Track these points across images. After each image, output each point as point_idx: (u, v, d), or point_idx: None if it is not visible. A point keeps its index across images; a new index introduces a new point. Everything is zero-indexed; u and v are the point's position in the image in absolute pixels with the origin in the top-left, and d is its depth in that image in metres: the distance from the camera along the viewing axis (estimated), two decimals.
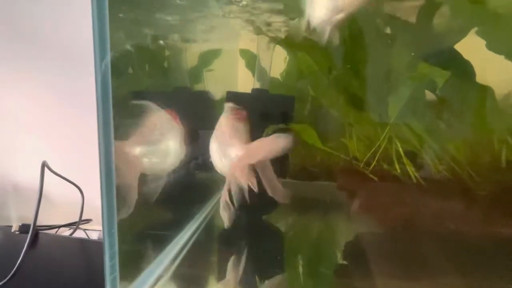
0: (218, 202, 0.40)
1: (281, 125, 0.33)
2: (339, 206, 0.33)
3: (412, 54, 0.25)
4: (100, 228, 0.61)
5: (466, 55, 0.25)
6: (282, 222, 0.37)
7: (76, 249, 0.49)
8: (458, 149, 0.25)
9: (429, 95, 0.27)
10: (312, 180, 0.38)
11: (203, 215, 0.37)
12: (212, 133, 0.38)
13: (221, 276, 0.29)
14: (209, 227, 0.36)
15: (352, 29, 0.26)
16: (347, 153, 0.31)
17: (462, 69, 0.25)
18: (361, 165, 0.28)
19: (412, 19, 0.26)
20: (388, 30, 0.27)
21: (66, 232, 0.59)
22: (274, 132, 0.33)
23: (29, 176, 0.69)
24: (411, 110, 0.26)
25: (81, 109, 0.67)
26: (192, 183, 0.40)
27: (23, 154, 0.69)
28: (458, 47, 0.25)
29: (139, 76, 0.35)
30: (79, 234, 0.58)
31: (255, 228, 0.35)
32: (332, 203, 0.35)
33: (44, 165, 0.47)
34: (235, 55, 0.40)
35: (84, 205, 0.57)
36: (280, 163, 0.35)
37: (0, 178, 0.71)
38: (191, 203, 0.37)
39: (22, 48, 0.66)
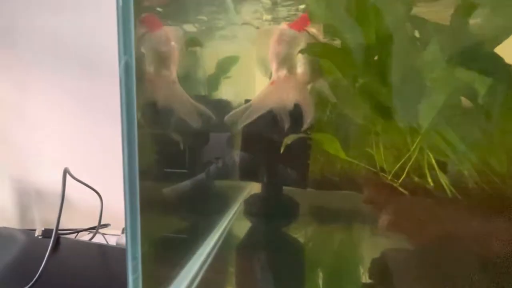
0: (236, 213, 0.39)
1: (301, 134, 0.32)
2: (363, 218, 0.32)
3: (447, 59, 0.23)
4: (118, 233, 0.62)
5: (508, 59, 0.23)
6: (302, 234, 0.36)
7: (97, 254, 0.50)
8: (500, 161, 0.23)
9: (465, 102, 0.25)
10: (332, 189, 0.36)
11: (223, 226, 0.36)
12: (227, 137, 0.37)
13: None
14: (229, 238, 0.35)
15: (379, 33, 0.24)
16: (372, 164, 0.29)
17: (504, 74, 0.23)
18: (389, 177, 0.26)
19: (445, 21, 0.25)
20: (418, 34, 0.25)
21: (85, 236, 0.60)
22: (293, 141, 0.32)
23: (51, 181, 0.72)
24: (446, 118, 0.24)
25: (101, 116, 0.69)
26: (211, 190, 0.39)
27: (45, 159, 0.72)
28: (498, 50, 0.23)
29: None
30: (97, 237, 0.59)
31: (274, 240, 0.34)
32: (355, 214, 0.33)
33: (66, 171, 0.48)
34: (252, 62, 0.39)
35: (103, 210, 0.58)
36: (300, 173, 0.34)
37: (23, 183, 0.73)
38: (210, 213, 0.37)
39: (45, 56, 0.68)
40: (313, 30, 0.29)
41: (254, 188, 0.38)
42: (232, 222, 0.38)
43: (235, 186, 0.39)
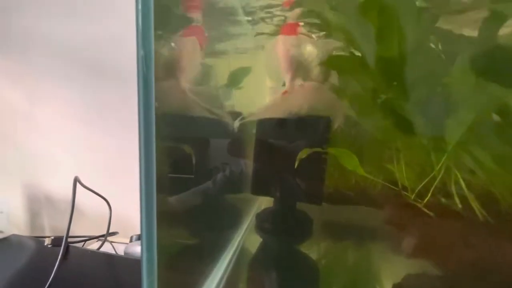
0: (248, 227, 0.38)
1: (317, 149, 0.30)
2: (381, 237, 0.30)
3: (476, 72, 0.22)
4: (126, 241, 0.61)
5: None
6: (316, 253, 0.34)
7: (106, 264, 0.49)
8: None
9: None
10: (347, 204, 0.35)
11: (237, 241, 0.35)
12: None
13: None
14: (242, 254, 0.34)
15: (402, 46, 0.23)
16: (391, 181, 0.27)
17: None
18: (412, 196, 0.25)
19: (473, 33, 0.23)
20: (444, 46, 0.24)
21: (93, 244, 0.60)
22: (308, 156, 0.31)
23: (61, 187, 0.72)
24: (475, 135, 0.22)
25: (111, 125, 0.69)
26: (220, 203, 0.38)
27: (55, 166, 0.72)
28: None
29: None
30: (106, 245, 0.59)
31: (287, 258, 0.32)
32: (372, 233, 0.32)
33: (76, 180, 0.48)
34: (263, 73, 0.39)
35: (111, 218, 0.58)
36: (315, 188, 0.33)
37: (34, 189, 0.74)
38: (224, 227, 0.35)
39: (57, 64, 0.69)
40: (304, 31, 0.28)
41: (265, 200, 0.37)
42: (245, 236, 0.36)
43: (247, 198, 0.38)
